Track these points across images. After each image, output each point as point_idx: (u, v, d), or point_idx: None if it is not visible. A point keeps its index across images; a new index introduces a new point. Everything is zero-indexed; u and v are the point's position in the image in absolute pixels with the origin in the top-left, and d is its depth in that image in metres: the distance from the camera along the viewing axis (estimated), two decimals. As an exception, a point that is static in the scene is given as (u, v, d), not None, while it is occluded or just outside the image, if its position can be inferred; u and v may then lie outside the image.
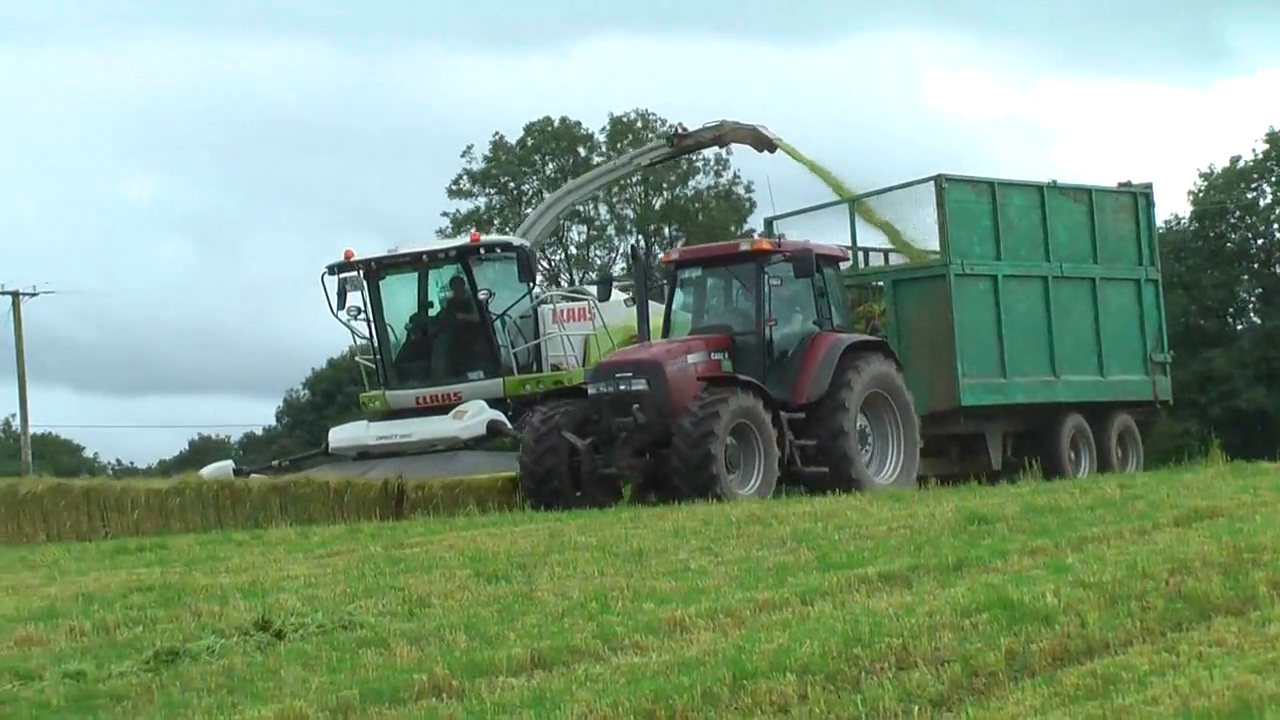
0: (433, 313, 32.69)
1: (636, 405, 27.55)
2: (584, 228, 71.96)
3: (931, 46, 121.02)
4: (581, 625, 12.48)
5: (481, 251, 32.12)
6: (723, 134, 40.07)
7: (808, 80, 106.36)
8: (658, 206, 72.52)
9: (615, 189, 42.64)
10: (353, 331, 32.94)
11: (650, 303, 30.26)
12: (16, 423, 74.28)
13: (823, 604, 13.05)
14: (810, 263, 28.81)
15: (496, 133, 73.58)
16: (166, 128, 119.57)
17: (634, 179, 41.77)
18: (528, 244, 34.12)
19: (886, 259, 35.40)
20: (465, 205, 74.39)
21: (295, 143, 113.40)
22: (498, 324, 31.84)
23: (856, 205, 35.36)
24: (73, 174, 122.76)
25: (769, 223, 35.30)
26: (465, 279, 31.90)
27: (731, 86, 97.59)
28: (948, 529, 18.34)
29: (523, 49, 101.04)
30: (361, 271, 31.99)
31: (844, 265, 33.57)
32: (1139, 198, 37.54)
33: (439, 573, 16.46)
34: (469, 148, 74.57)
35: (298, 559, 19.05)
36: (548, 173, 72.29)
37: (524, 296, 32.18)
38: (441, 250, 32.89)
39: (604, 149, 70.74)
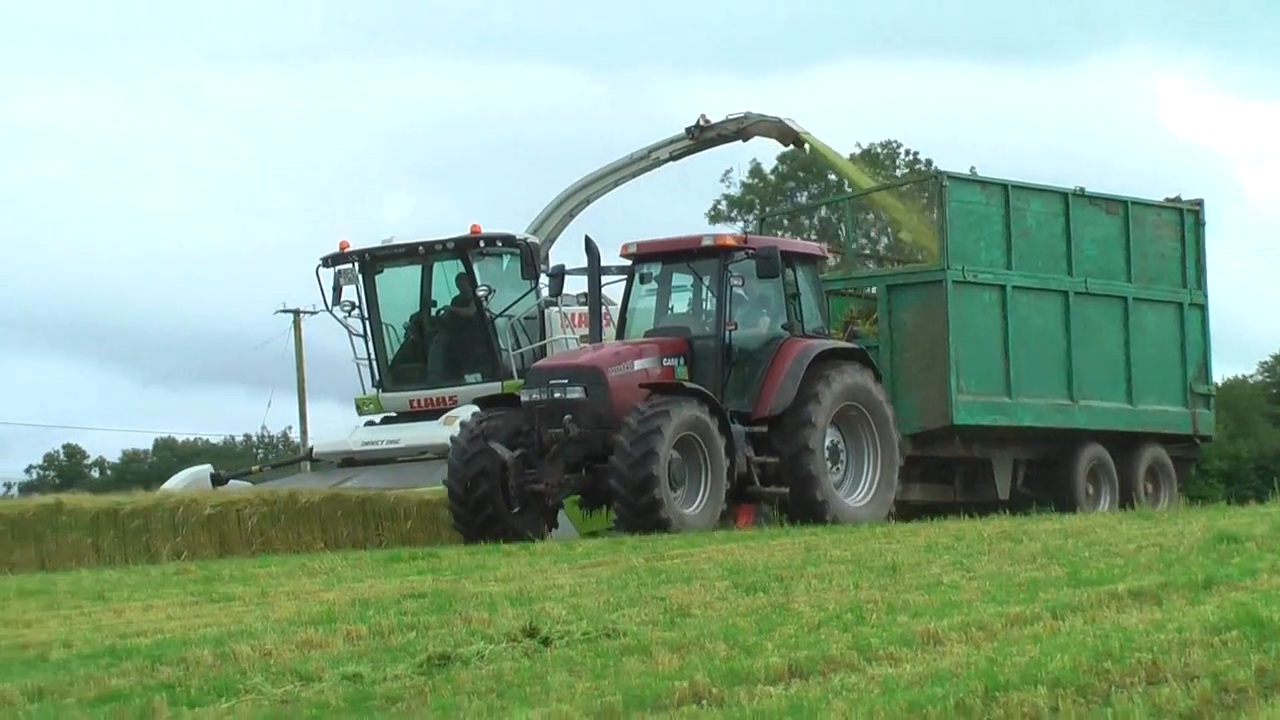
0: (418, 309, 30.19)
1: (569, 416, 24.53)
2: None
3: (1169, 67, 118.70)
4: (837, 636, 12.45)
5: (482, 244, 29.59)
6: (746, 126, 36.74)
7: (1048, 102, 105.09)
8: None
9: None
10: (348, 329, 30.05)
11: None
12: (295, 434, 75.21)
13: (1073, 619, 12.92)
14: (775, 261, 25.53)
15: (754, 159, 73.39)
16: (428, 150, 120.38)
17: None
18: (535, 240, 31.54)
19: (884, 263, 31.60)
20: (724, 229, 74.43)
21: (552, 165, 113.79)
22: (499, 323, 29.38)
23: (878, 197, 32.48)
24: (337, 195, 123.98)
25: (761, 221, 32.46)
26: (465, 273, 29.56)
27: (976, 109, 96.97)
28: (1196, 547, 18.03)
29: (768, 73, 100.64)
30: (356, 264, 29.62)
31: (829, 263, 30.95)
32: (1185, 215, 33.63)
33: (698, 584, 16.47)
34: (727, 172, 74.45)
35: (562, 569, 19.14)
36: (802, 200, 72.03)
37: (527, 295, 29.67)
38: (439, 241, 29.96)
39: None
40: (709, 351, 25.84)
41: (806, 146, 36.97)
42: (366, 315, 29.77)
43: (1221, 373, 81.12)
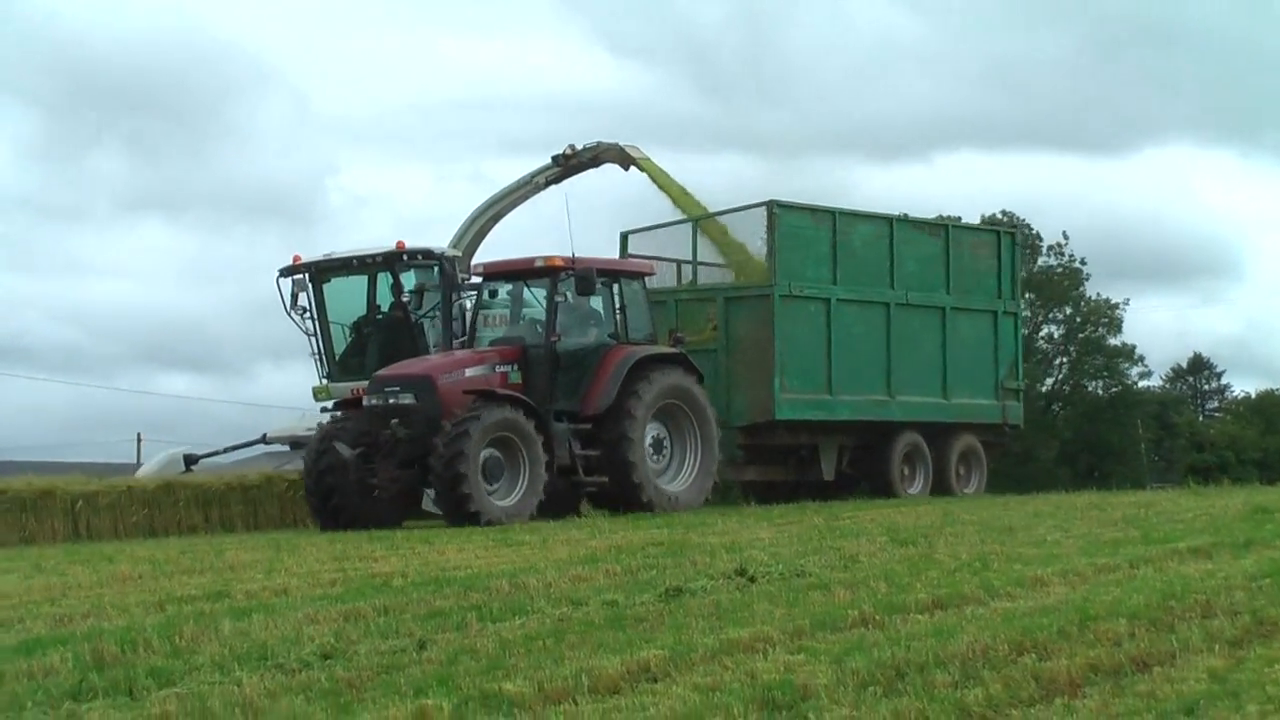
0: (365, 313, 27.13)
1: (396, 420, 22.05)
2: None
3: (1202, 162, 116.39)
4: (968, 579, 12.36)
5: (405, 258, 26.27)
6: (598, 154, 33.00)
7: (1111, 187, 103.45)
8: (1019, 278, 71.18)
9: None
10: (303, 330, 26.73)
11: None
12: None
13: (1146, 569, 12.74)
14: (590, 281, 22.74)
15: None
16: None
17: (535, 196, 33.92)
18: (454, 253, 28.11)
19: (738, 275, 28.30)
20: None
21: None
22: (426, 323, 26.10)
23: (704, 224, 28.97)
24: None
25: (624, 236, 28.88)
26: (394, 283, 26.34)
27: (1057, 188, 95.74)
28: (1239, 516, 17.79)
29: (894, 158, 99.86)
30: (306, 274, 26.53)
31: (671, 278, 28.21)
32: (1002, 236, 31.02)
33: (864, 538, 16.41)
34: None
35: (763, 526, 19.12)
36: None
37: (451, 301, 25.85)
38: (370, 255, 26.71)
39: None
40: (540, 358, 23.15)
41: (633, 169, 32.46)
42: (316, 318, 26.84)
43: (1258, 385, 79.84)
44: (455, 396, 22.09)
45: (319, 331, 26.91)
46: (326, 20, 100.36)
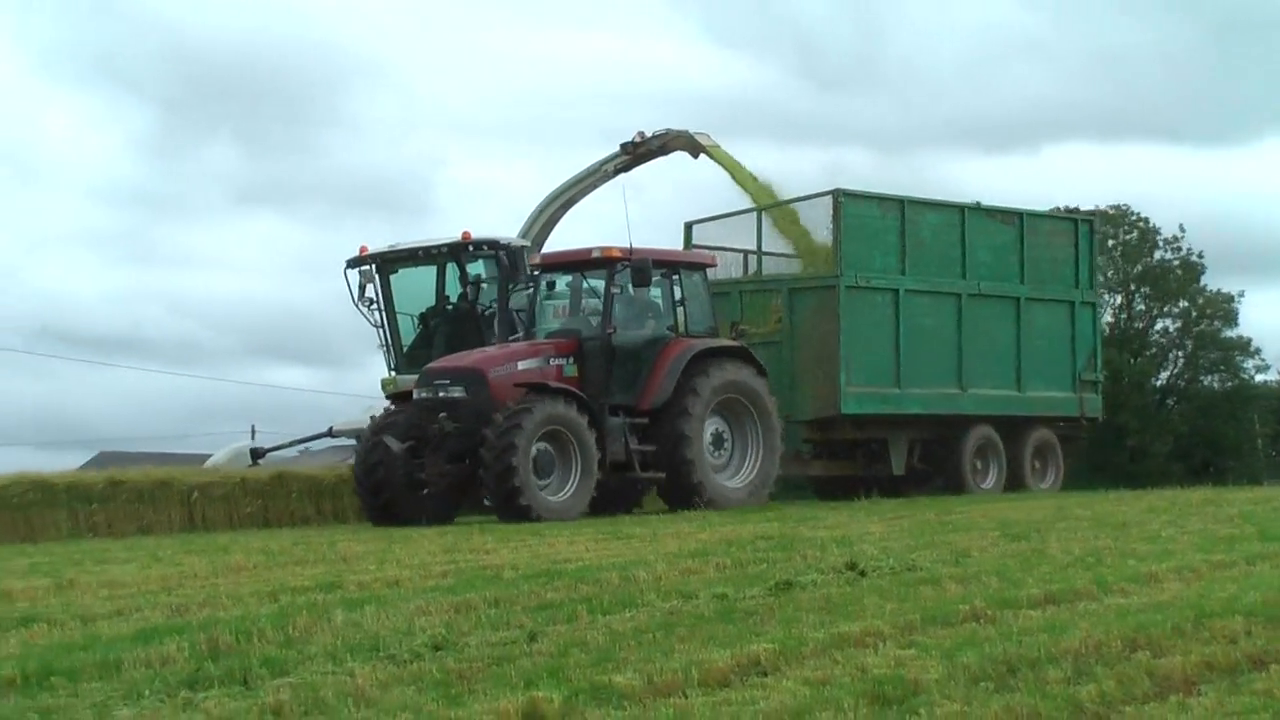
0: (434, 304, 26.72)
1: (444, 414, 21.52)
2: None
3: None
4: (1081, 574, 12.27)
5: (470, 248, 25.87)
6: (666, 141, 32.37)
7: (1227, 178, 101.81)
8: (1135, 271, 70.27)
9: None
10: (370, 321, 26.45)
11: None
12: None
13: (1262, 565, 12.60)
14: (647, 273, 22.13)
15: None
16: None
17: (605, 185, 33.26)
18: (522, 243, 27.39)
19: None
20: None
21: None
22: (493, 315, 25.22)
23: (773, 213, 28.10)
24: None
25: (688, 227, 28.07)
26: (460, 274, 25.99)
27: (1170, 181, 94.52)
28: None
29: (1004, 150, 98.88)
30: (373, 265, 26.28)
31: (729, 270, 27.57)
32: (1079, 224, 30.15)
33: (976, 533, 16.33)
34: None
35: (874, 520, 19.06)
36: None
37: (517, 290, 24.97)
38: (435, 246, 26.32)
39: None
40: (596, 351, 22.50)
41: (703, 157, 31.80)
42: (383, 309, 26.63)
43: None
44: (506, 390, 21.63)
45: (385, 323, 26.60)
46: (436, 12, 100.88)
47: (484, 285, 25.96)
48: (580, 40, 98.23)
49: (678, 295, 23.38)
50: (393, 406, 23.72)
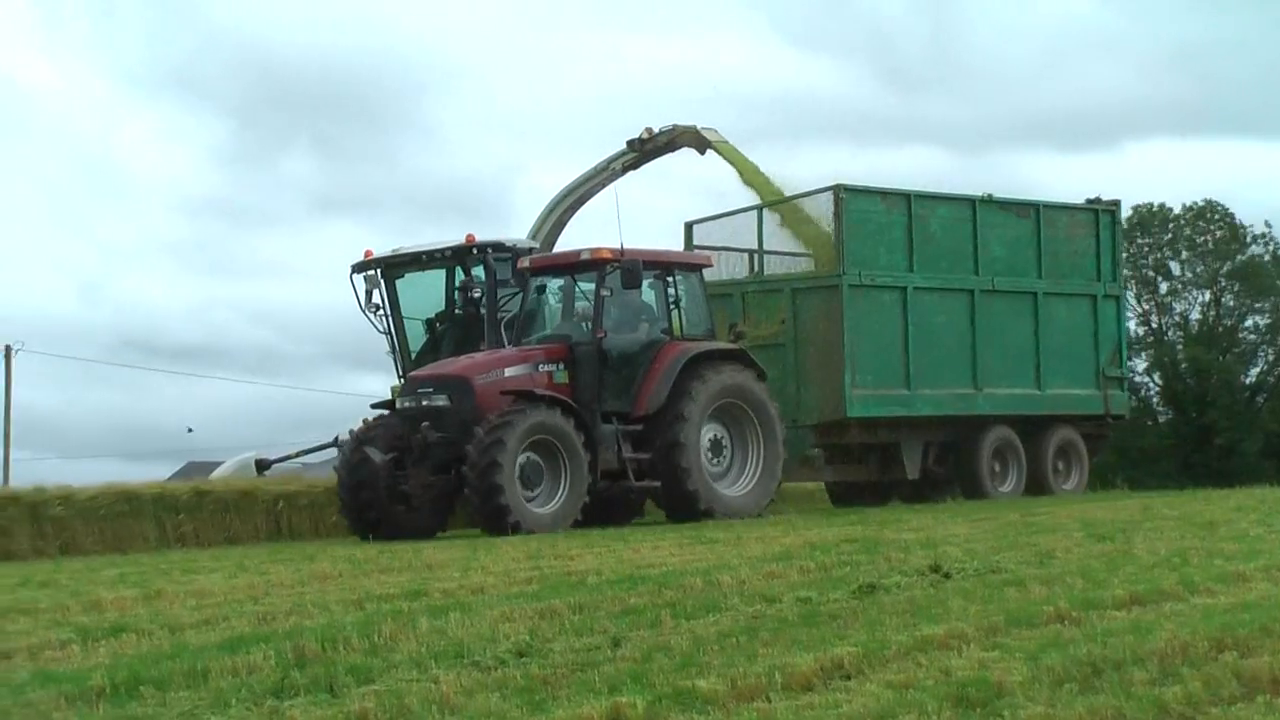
0: (443, 309, 25.80)
1: (426, 423, 20.79)
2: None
3: None
4: (1167, 574, 12.18)
5: (474, 251, 24.87)
6: (674, 137, 31.57)
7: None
8: (1225, 269, 69.56)
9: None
10: (378, 328, 25.67)
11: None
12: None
13: (1355, 564, 12.51)
14: (636, 274, 21.32)
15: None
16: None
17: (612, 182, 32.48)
18: (530, 244, 26.44)
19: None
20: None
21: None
22: (501, 319, 24.48)
23: (779, 209, 27.03)
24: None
25: (688, 227, 27.06)
26: (466, 277, 25.08)
27: (1262, 178, 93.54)
28: None
29: (1083, 148, 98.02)
30: (378, 270, 25.45)
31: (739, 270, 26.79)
32: (1101, 215, 28.64)
33: (1060, 534, 16.24)
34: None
35: (959, 522, 18.99)
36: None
37: (497, 296, 24.57)
38: (439, 250, 25.37)
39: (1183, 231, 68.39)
40: (587, 356, 21.73)
41: (709, 153, 31.00)
42: (390, 315, 25.80)
43: None
44: (492, 397, 20.90)
45: (392, 329, 25.88)
46: (512, 17, 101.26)
47: (474, 291, 25.18)
48: (656, 43, 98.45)
49: (672, 297, 22.64)
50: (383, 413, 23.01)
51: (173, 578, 16.14)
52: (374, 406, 23.28)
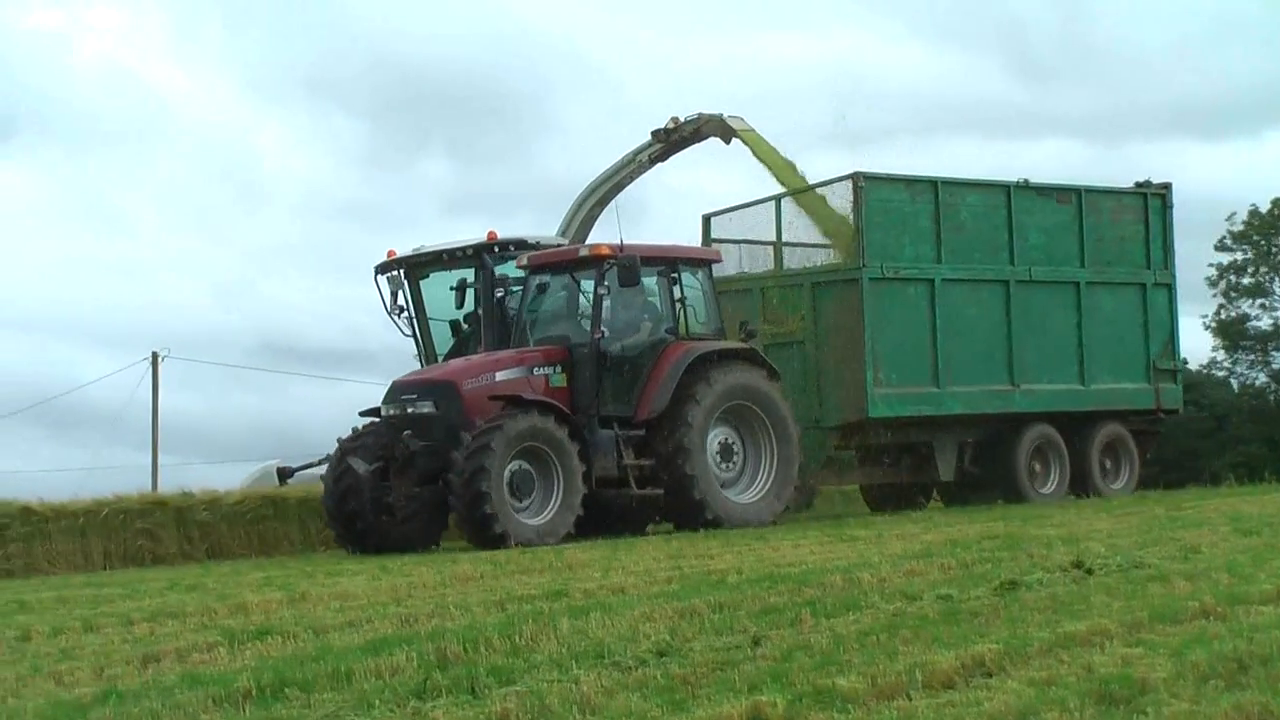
0: (462, 308, 24.21)
1: (408, 432, 19.78)
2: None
3: None
4: (1317, 568, 12.03)
5: (496, 249, 23.48)
6: (699, 126, 30.06)
7: None
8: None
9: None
10: (403, 331, 24.46)
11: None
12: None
13: None
14: (633, 271, 20.10)
15: (1253, 204, 69.74)
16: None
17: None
18: (559, 240, 25.46)
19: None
20: (1226, 257, 70.30)
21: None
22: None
23: (802, 199, 25.26)
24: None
25: (706, 220, 25.74)
26: (488, 275, 23.56)
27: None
28: None
29: (1223, 137, 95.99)
30: (401, 270, 24.28)
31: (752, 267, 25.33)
32: (1150, 199, 26.74)
33: (1206, 528, 16.04)
34: (1232, 214, 70.89)
35: (1102, 517, 18.84)
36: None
37: (493, 296, 23.42)
38: (460, 248, 23.94)
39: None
40: (587, 358, 20.63)
41: (735, 141, 29.28)
42: (414, 316, 24.53)
43: None
44: (481, 403, 19.91)
45: (417, 331, 24.74)
46: (642, 16, 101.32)
47: (469, 290, 24.03)
48: (782, 39, 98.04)
49: (678, 294, 21.45)
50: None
51: (317, 580, 16.37)
52: (363, 414, 22.09)
